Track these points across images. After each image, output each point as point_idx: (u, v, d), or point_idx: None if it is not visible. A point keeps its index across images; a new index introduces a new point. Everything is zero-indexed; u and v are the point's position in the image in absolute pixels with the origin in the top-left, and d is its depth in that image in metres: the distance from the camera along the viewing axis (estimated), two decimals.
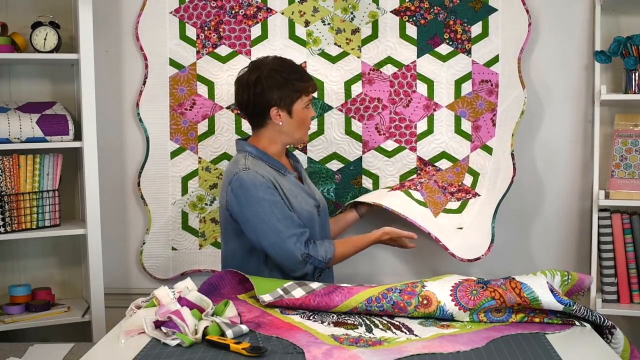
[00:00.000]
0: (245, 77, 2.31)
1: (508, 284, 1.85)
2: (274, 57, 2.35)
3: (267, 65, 2.29)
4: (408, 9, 2.70)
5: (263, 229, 2.19)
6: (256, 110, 2.30)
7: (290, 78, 2.27)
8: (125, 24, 2.79)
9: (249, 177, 2.20)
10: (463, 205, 2.64)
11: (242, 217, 2.21)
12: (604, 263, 2.59)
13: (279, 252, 2.20)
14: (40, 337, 2.76)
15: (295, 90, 2.28)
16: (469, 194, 2.66)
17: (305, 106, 2.31)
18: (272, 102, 2.27)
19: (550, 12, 2.68)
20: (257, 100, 2.28)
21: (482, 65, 2.69)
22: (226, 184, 2.25)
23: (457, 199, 2.65)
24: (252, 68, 2.31)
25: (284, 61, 2.33)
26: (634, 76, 2.54)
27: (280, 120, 2.29)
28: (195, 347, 1.68)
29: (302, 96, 2.29)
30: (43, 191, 2.64)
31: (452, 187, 2.68)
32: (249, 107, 2.31)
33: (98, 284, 2.65)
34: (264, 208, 2.19)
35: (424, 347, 1.65)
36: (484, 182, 2.67)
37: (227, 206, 2.24)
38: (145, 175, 2.81)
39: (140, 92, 2.79)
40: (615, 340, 1.82)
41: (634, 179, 2.57)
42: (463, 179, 2.69)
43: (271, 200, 2.20)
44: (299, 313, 1.94)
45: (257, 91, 2.27)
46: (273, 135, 2.32)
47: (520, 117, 2.61)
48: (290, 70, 2.29)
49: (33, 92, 2.80)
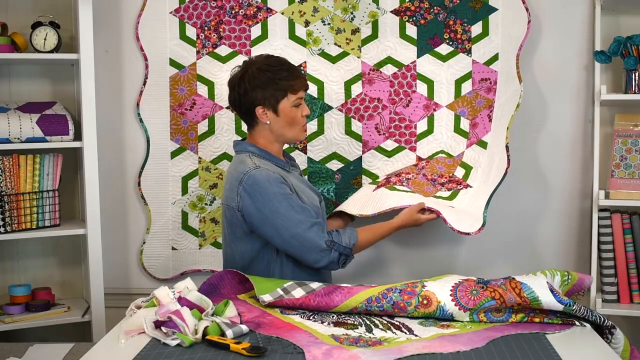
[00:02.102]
0: (233, 76, 2.32)
1: (508, 284, 1.85)
2: (265, 56, 2.34)
3: (255, 64, 2.28)
4: (408, 9, 2.70)
5: (284, 223, 2.17)
6: (243, 110, 2.31)
7: (275, 77, 2.25)
8: (125, 24, 2.79)
9: (261, 175, 2.19)
10: (454, 194, 2.58)
11: (258, 215, 2.19)
12: (604, 263, 2.59)
13: (303, 243, 2.18)
14: (40, 337, 2.76)
15: (280, 89, 2.26)
16: (460, 185, 2.61)
17: (293, 105, 2.28)
18: (257, 102, 2.26)
19: (550, 13, 2.68)
20: (242, 100, 2.28)
21: (482, 64, 2.69)
22: (235, 185, 2.22)
23: (447, 189, 2.60)
24: (241, 67, 2.32)
25: (273, 60, 2.31)
26: (634, 76, 2.54)
27: (267, 119, 2.28)
28: (195, 347, 1.68)
29: (288, 94, 2.27)
30: (43, 191, 2.64)
31: (442, 178, 2.63)
32: (236, 107, 2.33)
33: (98, 284, 2.65)
34: (282, 202, 2.18)
35: (424, 347, 1.65)
36: (476, 175, 2.61)
37: (238, 207, 2.21)
38: (146, 175, 2.81)
39: (141, 92, 2.79)
40: (615, 340, 1.82)
41: (634, 179, 2.57)
42: (454, 171, 2.67)
43: (286, 194, 2.19)
44: (299, 313, 1.94)
45: (241, 91, 2.27)
46: (266, 134, 2.32)
47: (515, 110, 2.54)
48: (276, 69, 2.27)
49: (33, 92, 2.80)
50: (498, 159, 2.55)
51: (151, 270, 2.84)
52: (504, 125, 2.58)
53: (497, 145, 2.58)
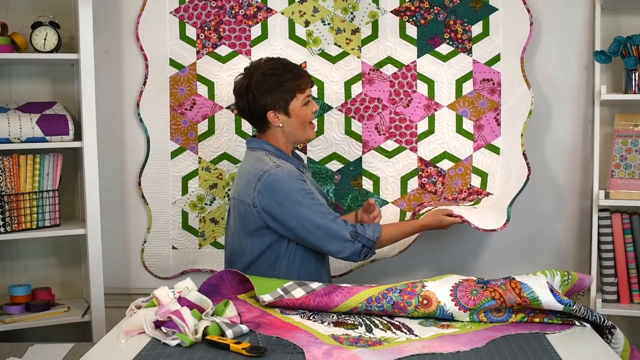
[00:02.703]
0: (238, 85, 2.32)
1: (508, 284, 1.85)
2: (266, 60, 2.33)
3: (258, 69, 2.28)
4: (408, 9, 2.70)
5: (308, 214, 2.20)
6: (254, 116, 2.31)
7: (281, 80, 2.26)
8: (125, 24, 2.79)
9: (283, 173, 2.21)
10: (476, 202, 2.63)
11: (280, 209, 2.20)
12: (604, 263, 2.59)
13: (327, 233, 2.20)
14: (40, 337, 2.76)
15: (288, 90, 2.27)
16: (481, 195, 2.67)
17: (303, 104, 2.30)
18: (267, 107, 2.27)
19: (550, 12, 2.68)
20: (252, 107, 2.28)
21: (484, 64, 2.69)
22: (253, 182, 2.22)
23: (469, 201, 2.66)
24: (244, 74, 2.32)
25: (274, 62, 2.31)
26: (634, 76, 2.54)
27: (279, 123, 2.29)
28: (195, 347, 1.68)
29: (297, 95, 2.28)
30: (43, 191, 2.64)
31: (462, 193, 2.69)
32: (246, 113, 2.33)
33: (98, 284, 2.65)
34: (305, 197, 2.20)
35: (424, 347, 1.65)
36: (494, 182, 2.67)
37: (253, 203, 2.21)
38: (146, 175, 2.81)
39: (141, 92, 2.79)
40: (615, 340, 1.82)
41: (634, 179, 2.57)
42: (470, 180, 2.69)
43: (308, 190, 2.23)
44: (299, 313, 1.94)
45: (250, 98, 2.27)
46: (279, 136, 2.33)
47: (528, 117, 2.61)
48: (280, 72, 2.27)
49: (33, 92, 2.80)
50: (516, 166, 2.61)
51: (152, 268, 2.85)
52: (517, 132, 2.63)
53: (512, 152, 2.64)
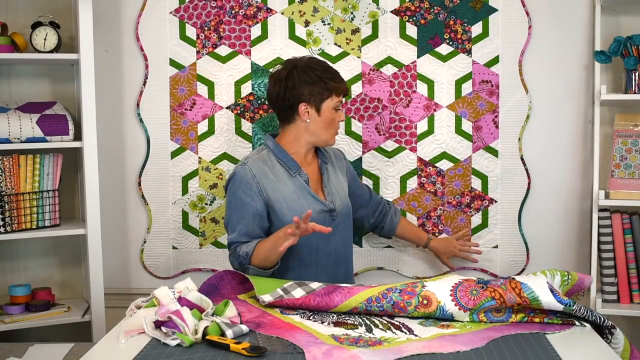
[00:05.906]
0: (278, 72, 2.36)
1: (508, 284, 1.85)
2: (310, 56, 2.41)
3: (302, 62, 2.34)
4: (408, 9, 2.70)
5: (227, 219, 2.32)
6: (286, 105, 2.33)
7: (323, 76, 2.31)
8: (125, 24, 2.79)
9: (239, 173, 2.30)
10: (485, 216, 2.71)
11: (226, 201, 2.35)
12: (604, 263, 2.59)
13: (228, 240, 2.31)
14: (40, 337, 2.76)
15: (327, 88, 2.31)
16: (485, 200, 2.70)
17: (334, 107, 2.33)
18: (302, 98, 2.30)
19: (550, 12, 2.68)
20: (288, 94, 2.31)
21: (483, 65, 2.69)
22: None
23: (475, 210, 2.71)
24: (286, 64, 2.36)
25: (319, 60, 2.38)
26: (634, 76, 2.54)
27: (308, 117, 2.32)
28: (195, 347, 1.68)
29: (333, 95, 2.32)
30: (43, 191, 2.64)
31: (465, 197, 2.71)
32: (279, 100, 2.34)
33: (98, 284, 2.65)
34: (234, 203, 2.28)
35: (424, 347, 1.65)
36: (495, 187, 2.71)
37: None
38: (146, 175, 2.81)
39: (141, 92, 2.79)
40: (615, 340, 1.82)
41: (634, 179, 2.57)
42: (470, 182, 2.70)
43: (244, 201, 2.26)
44: (299, 313, 1.94)
45: (289, 85, 2.30)
46: (299, 132, 2.34)
47: (525, 122, 2.67)
48: (323, 69, 2.33)
49: (33, 92, 2.80)
50: (517, 172, 2.71)
51: (152, 268, 2.85)
52: (515, 136, 2.69)
53: (511, 156, 2.71)
